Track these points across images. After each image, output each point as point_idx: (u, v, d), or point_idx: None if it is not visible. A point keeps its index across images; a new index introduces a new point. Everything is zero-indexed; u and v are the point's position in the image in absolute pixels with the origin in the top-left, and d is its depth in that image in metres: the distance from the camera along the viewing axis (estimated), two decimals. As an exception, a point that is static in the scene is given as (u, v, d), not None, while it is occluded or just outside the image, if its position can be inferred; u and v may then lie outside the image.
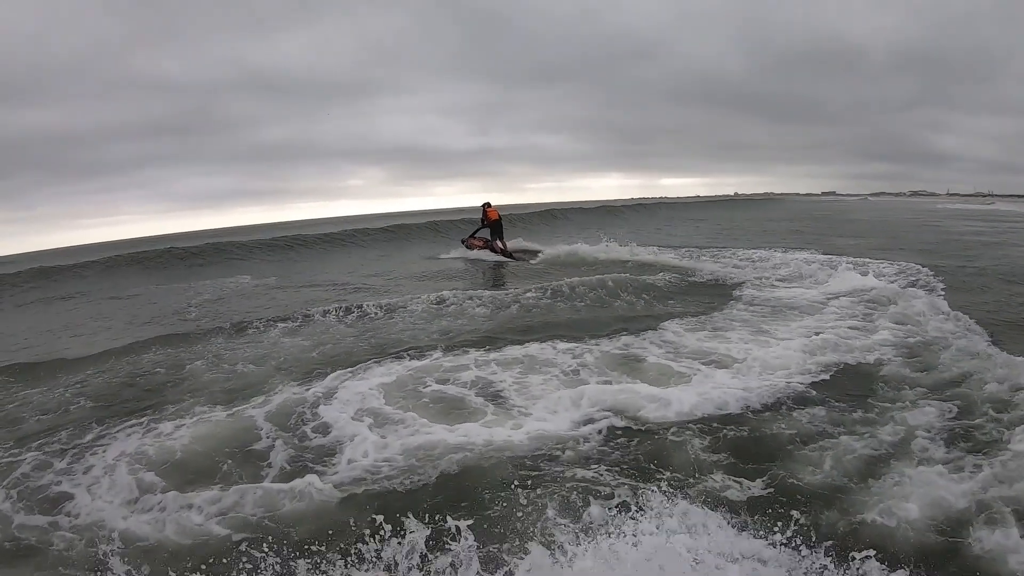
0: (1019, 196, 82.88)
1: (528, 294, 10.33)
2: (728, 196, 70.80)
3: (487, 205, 16.40)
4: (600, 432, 4.81)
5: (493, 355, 7.06)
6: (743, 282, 11.21)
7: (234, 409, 5.64)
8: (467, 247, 17.31)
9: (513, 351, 7.17)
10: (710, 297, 10.21)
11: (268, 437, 5.00)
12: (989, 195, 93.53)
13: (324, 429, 5.11)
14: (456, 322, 8.92)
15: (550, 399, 5.56)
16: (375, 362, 6.92)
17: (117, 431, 5.27)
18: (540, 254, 16.11)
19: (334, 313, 9.63)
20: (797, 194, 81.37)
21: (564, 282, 10.84)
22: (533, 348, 7.30)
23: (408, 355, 7.18)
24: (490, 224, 16.23)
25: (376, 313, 9.62)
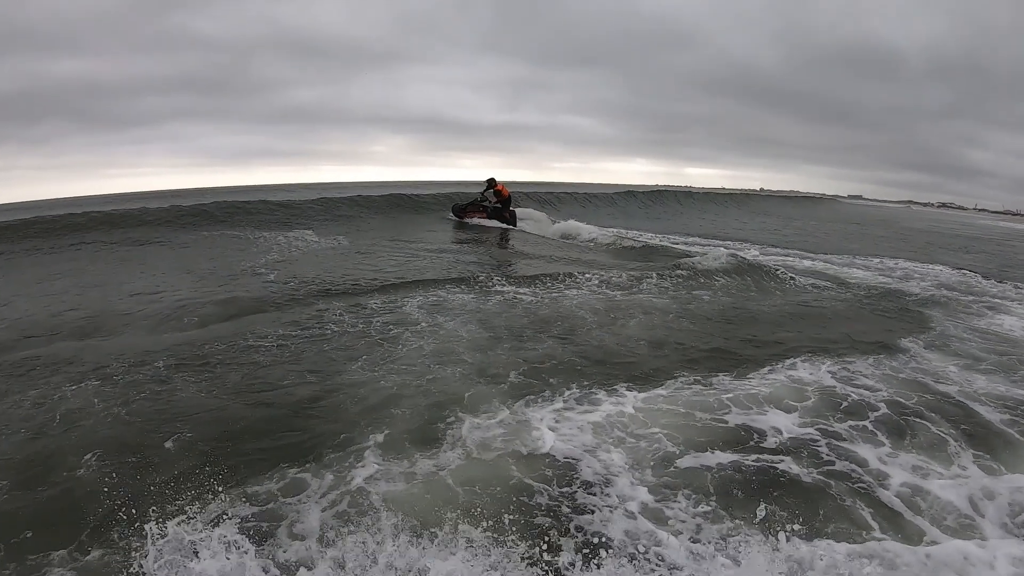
0: None
1: (700, 292, 8.59)
2: (753, 190, 68.64)
3: (495, 181, 17.45)
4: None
5: (752, 383, 5.14)
6: (913, 296, 9.35)
7: (420, 462, 3.38)
8: (461, 217, 17.85)
9: (769, 377, 5.33)
10: (895, 312, 8.23)
11: None
12: (1017, 214, 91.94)
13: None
14: (652, 319, 6.89)
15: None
16: (590, 387, 4.75)
17: (225, 522, 2.66)
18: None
19: (469, 287, 7.77)
20: (824, 195, 79.11)
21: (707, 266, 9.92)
22: (787, 370, 5.53)
23: (634, 375, 5.10)
24: (502, 200, 17.45)
25: (527, 297, 7.53)
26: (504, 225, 17.06)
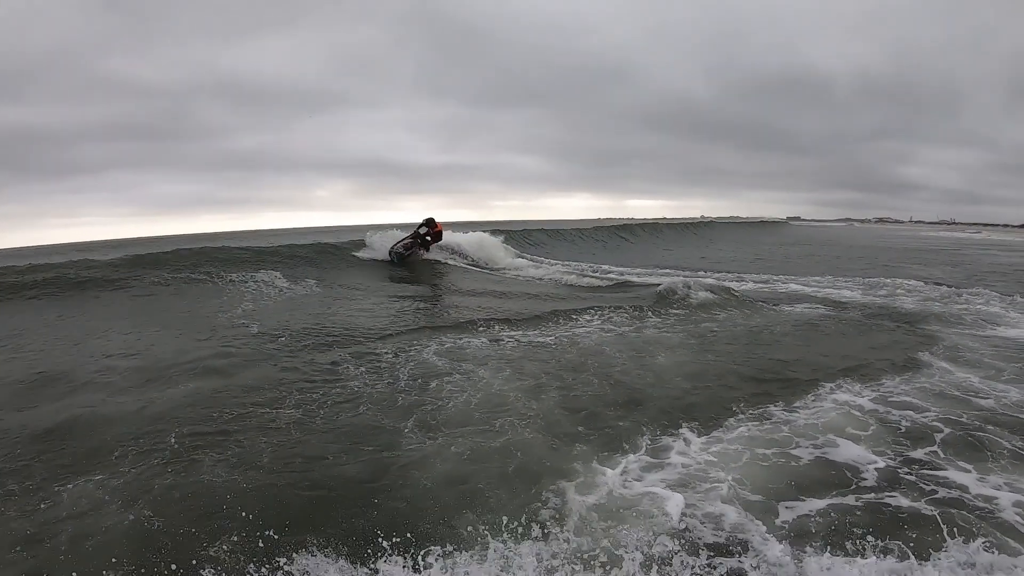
0: (983, 224, 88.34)
1: (708, 325, 8.52)
2: (695, 219, 71.52)
3: (435, 222, 17.88)
4: None
5: (804, 413, 5.03)
6: (908, 311, 9.52)
7: (530, 551, 2.76)
8: (407, 255, 17.43)
9: (815, 405, 5.24)
10: (899, 328, 8.31)
11: None
12: (952, 223, 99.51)
13: None
14: (677, 355, 6.71)
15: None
16: (654, 431, 4.47)
17: None
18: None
19: (474, 332, 7.39)
20: (763, 219, 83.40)
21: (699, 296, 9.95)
22: (830, 395, 5.48)
23: (689, 413, 4.87)
24: (434, 234, 17.78)
25: (540, 339, 7.22)
26: (426, 253, 17.73)
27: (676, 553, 2.78)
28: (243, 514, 2.99)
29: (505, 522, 2.86)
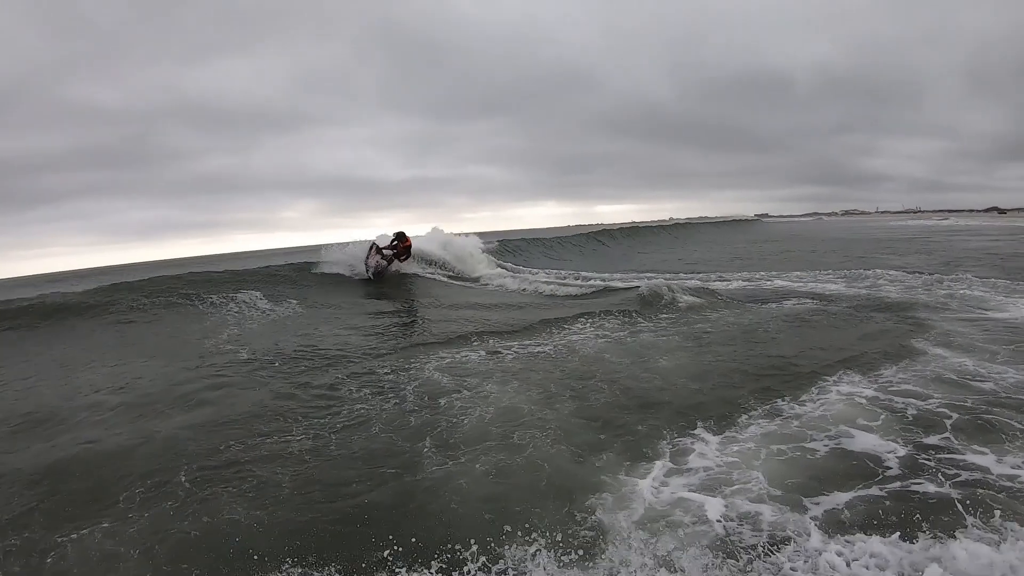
0: (948, 211, 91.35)
1: (702, 326, 8.54)
2: (664, 221, 72.42)
3: (405, 236, 17.36)
4: None
5: (811, 406, 5.07)
6: (893, 300, 9.72)
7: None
8: (388, 265, 17.09)
9: (821, 397, 5.28)
10: (888, 318, 8.45)
11: None
12: (918, 211, 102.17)
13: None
14: (678, 357, 6.73)
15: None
16: (671, 434, 4.45)
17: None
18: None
19: (470, 347, 7.34)
20: (734, 218, 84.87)
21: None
22: (834, 387, 5.54)
23: (701, 413, 4.86)
24: (405, 252, 17.29)
25: (538, 348, 7.18)
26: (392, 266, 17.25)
27: (725, 557, 2.73)
28: (268, 554, 2.84)
29: (548, 542, 2.77)
